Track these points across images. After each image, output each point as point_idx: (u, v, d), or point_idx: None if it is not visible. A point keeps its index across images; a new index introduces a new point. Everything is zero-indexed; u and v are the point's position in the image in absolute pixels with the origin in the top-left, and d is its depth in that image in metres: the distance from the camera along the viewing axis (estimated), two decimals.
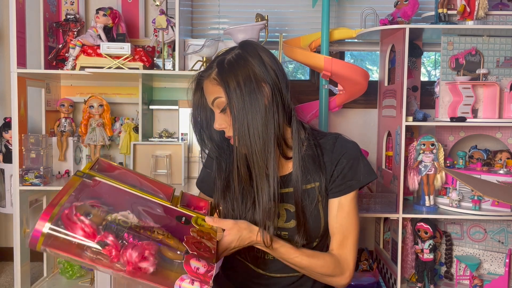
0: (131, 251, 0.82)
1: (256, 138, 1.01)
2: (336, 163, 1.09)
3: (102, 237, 0.82)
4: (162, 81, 2.08)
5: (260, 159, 1.02)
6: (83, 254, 0.81)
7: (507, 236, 1.85)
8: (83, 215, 0.83)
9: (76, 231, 0.80)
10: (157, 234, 0.88)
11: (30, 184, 1.72)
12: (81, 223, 0.81)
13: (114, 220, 0.85)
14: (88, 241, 0.80)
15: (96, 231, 0.82)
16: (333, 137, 1.12)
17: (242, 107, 1.01)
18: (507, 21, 1.80)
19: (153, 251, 0.84)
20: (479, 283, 1.80)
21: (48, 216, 0.79)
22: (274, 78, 1.04)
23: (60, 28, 1.95)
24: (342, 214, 1.09)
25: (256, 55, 1.05)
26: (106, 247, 0.81)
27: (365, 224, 2.19)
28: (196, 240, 0.92)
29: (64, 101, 2.00)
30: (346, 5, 2.13)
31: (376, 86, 2.11)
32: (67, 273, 1.96)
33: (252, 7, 2.14)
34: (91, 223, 0.82)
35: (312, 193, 1.09)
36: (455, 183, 1.78)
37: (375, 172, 1.13)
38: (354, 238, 1.10)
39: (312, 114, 1.99)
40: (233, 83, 1.02)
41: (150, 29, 2.05)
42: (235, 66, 1.04)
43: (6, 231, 2.23)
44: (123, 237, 0.83)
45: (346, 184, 1.08)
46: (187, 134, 2.02)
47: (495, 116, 1.74)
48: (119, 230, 0.84)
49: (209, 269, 0.87)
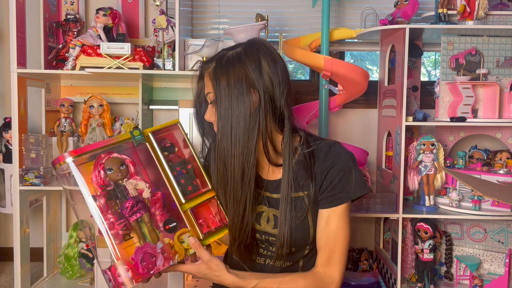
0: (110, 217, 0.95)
1: (236, 141, 1.01)
2: (326, 173, 1.06)
3: (101, 194, 0.95)
4: (162, 81, 2.08)
5: (237, 163, 1.01)
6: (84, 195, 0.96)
7: (507, 236, 1.85)
8: (105, 168, 0.97)
9: (92, 175, 0.96)
10: (144, 218, 0.98)
11: (30, 184, 1.72)
12: (98, 173, 0.96)
13: (121, 186, 0.98)
14: (87, 191, 0.95)
15: (105, 185, 0.96)
16: (328, 145, 1.09)
17: (228, 107, 1.01)
18: (507, 21, 1.80)
19: (121, 231, 0.95)
20: (479, 283, 1.80)
21: (76, 153, 0.96)
22: (268, 85, 1.03)
23: (60, 28, 1.94)
24: (330, 228, 1.06)
25: (255, 58, 1.04)
26: (97, 203, 0.95)
27: (365, 224, 2.19)
28: (151, 253, 0.97)
29: (64, 101, 2.00)
30: (346, 5, 2.13)
31: (376, 86, 2.11)
32: (67, 273, 1.96)
33: (252, 7, 2.14)
34: (104, 178, 0.97)
35: (301, 202, 1.07)
36: (455, 183, 1.78)
37: (367, 186, 1.10)
38: (341, 252, 1.07)
39: (312, 114, 1.99)
40: (224, 81, 1.02)
41: (150, 29, 2.05)
42: (230, 66, 1.04)
43: (6, 231, 2.23)
44: (118, 204, 0.97)
45: (335, 196, 1.06)
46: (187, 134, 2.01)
47: (495, 116, 1.74)
48: (118, 197, 0.97)
49: (124, 282, 0.93)
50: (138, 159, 1.02)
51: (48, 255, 1.99)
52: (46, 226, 1.97)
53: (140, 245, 0.96)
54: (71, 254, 1.95)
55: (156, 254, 0.97)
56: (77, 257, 1.96)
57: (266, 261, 1.14)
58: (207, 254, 1.02)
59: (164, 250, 0.98)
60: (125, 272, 0.93)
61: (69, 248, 1.97)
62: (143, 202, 0.99)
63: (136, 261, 0.95)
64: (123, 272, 0.93)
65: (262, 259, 1.14)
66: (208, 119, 1.10)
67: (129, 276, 0.93)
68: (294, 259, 1.13)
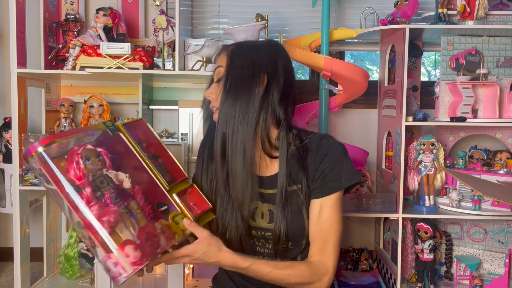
0: (96, 208, 0.89)
1: (240, 121, 1.03)
2: (319, 164, 1.08)
3: (83, 183, 0.90)
4: (162, 81, 2.08)
5: (239, 141, 1.03)
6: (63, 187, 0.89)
7: (507, 236, 1.85)
8: (83, 158, 0.91)
9: (69, 167, 0.90)
10: (132, 206, 0.94)
11: (30, 184, 1.72)
12: (76, 164, 0.90)
13: (103, 176, 0.93)
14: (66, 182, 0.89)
15: (83, 176, 0.90)
16: (319, 138, 1.11)
17: (238, 87, 1.05)
18: (507, 21, 1.80)
19: (113, 219, 0.89)
20: (479, 283, 1.80)
21: (46, 142, 0.89)
22: (279, 78, 1.07)
23: (60, 28, 1.94)
24: (323, 218, 1.07)
25: (273, 52, 1.10)
26: (80, 193, 0.89)
27: (365, 224, 2.19)
28: (152, 232, 0.94)
29: (64, 101, 2.00)
30: (346, 5, 2.13)
31: (376, 86, 2.11)
32: (67, 273, 1.96)
33: (252, 7, 2.14)
34: (84, 168, 0.91)
35: (295, 195, 1.08)
36: (455, 183, 1.78)
37: (359, 175, 1.11)
38: (334, 242, 1.07)
39: (312, 114, 1.99)
40: (238, 61, 1.07)
41: (150, 29, 2.05)
42: (250, 50, 1.09)
43: (6, 231, 2.23)
44: (101, 194, 0.91)
45: (327, 185, 1.07)
46: (187, 134, 2.02)
47: (495, 116, 1.74)
48: (100, 188, 0.92)
49: (137, 262, 0.89)
50: (114, 149, 0.98)
51: (48, 255, 1.99)
52: (46, 226, 1.97)
53: (141, 226, 0.92)
54: (71, 254, 1.95)
55: (157, 233, 0.94)
56: (77, 257, 1.95)
57: (264, 258, 1.14)
58: (205, 231, 1.02)
59: (164, 230, 0.96)
60: (133, 251, 0.88)
61: (69, 248, 1.97)
62: (126, 191, 0.95)
63: (142, 240, 0.91)
64: (131, 252, 0.88)
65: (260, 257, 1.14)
66: (207, 95, 1.12)
67: (138, 255, 0.89)
68: (291, 255, 1.13)
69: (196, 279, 1.88)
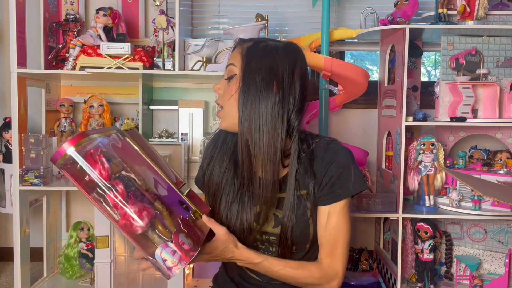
0: (132, 205, 0.86)
1: (263, 129, 1.01)
2: (326, 171, 1.06)
3: (114, 182, 0.86)
4: (162, 81, 2.08)
5: (265, 149, 1.01)
6: (90, 191, 0.85)
7: (507, 236, 1.85)
8: (105, 158, 0.88)
9: (94, 168, 0.85)
10: (157, 204, 0.92)
11: (30, 184, 1.72)
12: (101, 163, 0.86)
13: (128, 175, 0.90)
14: (101, 180, 0.85)
15: (110, 176, 0.87)
16: (326, 143, 1.09)
17: (256, 93, 1.01)
18: (507, 21, 1.80)
19: (150, 215, 0.87)
20: (479, 283, 1.80)
21: (76, 142, 0.85)
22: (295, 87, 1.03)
23: (60, 28, 1.95)
24: (331, 224, 1.07)
25: (291, 59, 1.04)
26: (112, 192, 0.85)
27: (365, 224, 2.19)
28: (190, 224, 0.94)
29: (64, 101, 2.00)
30: (346, 5, 2.13)
31: (376, 86, 2.11)
32: (67, 273, 1.96)
33: (252, 7, 2.14)
34: (109, 168, 0.87)
35: (302, 200, 1.07)
36: (455, 183, 1.78)
37: (366, 183, 1.11)
38: (343, 247, 1.08)
39: (312, 114, 1.99)
40: (255, 64, 1.02)
41: (150, 29, 2.05)
42: (266, 52, 1.03)
43: (6, 231, 2.23)
44: (131, 191, 0.88)
45: (334, 192, 1.06)
46: (187, 134, 2.02)
47: (495, 116, 1.74)
48: (129, 185, 0.88)
49: (192, 249, 0.88)
50: (126, 153, 0.97)
51: (48, 255, 1.99)
52: (46, 226, 1.97)
53: (180, 217, 0.91)
54: (71, 254, 1.95)
55: (191, 224, 0.94)
56: (77, 257, 1.96)
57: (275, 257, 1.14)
58: (222, 227, 1.02)
59: (194, 223, 0.96)
60: (186, 238, 0.87)
61: (69, 248, 1.97)
62: (147, 192, 0.94)
63: (187, 229, 0.90)
64: (184, 239, 0.87)
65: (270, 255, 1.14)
66: (216, 89, 1.08)
67: (191, 242, 0.88)
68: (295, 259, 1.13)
69: (196, 279, 1.88)
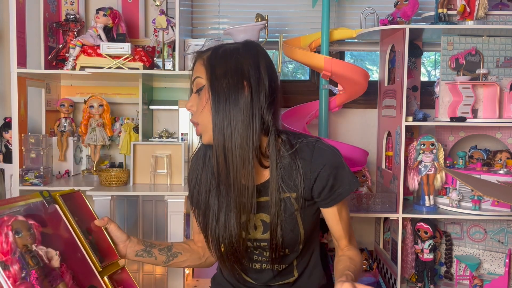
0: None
1: (236, 133, 0.98)
2: (317, 175, 1.05)
3: (11, 260, 0.82)
4: (162, 81, 2.08)
5: (238, 154, 0.99)
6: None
7: (507, 236, 1.85)
8: (13, 230, 0.84)
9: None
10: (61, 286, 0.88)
11: (30, 184, 1.72)
12: (5, 236, 0.83)
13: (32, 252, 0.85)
14: None
15: (11, 251, 0.83)
16: (311, 144, 1.07)
17: (226, 98, 0.98)
18: (507, 21, 1.80)
19: None
20: (479, 283, 1.80)
21: None
22: (263, 82, 1.01)
23: (60, 28, 1.95)
24: (342, 219, 1.14)
25: (253, 55, 1.03)
26: (6, 271, 0.81)
27: (365, 224, 2.19)
28: None
29: (64, 101, 2.00)
30: (346, 5, 2.13)
31: (376, 86, 2.11)
32: None
33: (252, 7, 2.14)
34: (13, 242, 0.83)
35: (288, 203, 1.06)
36: (455, 183, 1.78)
37: (356, 177, 1.14)
38: (351, 227, 1.20)
39: (312, 114, 1.99)
40: (220, 70, 1.00)
41: (150, 29, 2.05)
42: (228, 56, 1.02)
43: None
44: (36, 268, 0.84)
45: (336, 193, 1.08)
46: (187, 134, 2.02)
47: (495, 116, 1.74)
48: (28, 266, 0.84)
49: None
50: (47, 222, 0.92)
51: None
52: None
53: None
54: None
55: None
56: None
57: (262, 265, 1.15)
58: None
59: None
60: None
61: None
62: (55, 271, 0.89)
63: None
64: None
65: (258, 265, 1.15)
66: (188, 107, 1.06)
67: None
68: (289, 261, 1.14)
69: (196, 279, 1.88)
